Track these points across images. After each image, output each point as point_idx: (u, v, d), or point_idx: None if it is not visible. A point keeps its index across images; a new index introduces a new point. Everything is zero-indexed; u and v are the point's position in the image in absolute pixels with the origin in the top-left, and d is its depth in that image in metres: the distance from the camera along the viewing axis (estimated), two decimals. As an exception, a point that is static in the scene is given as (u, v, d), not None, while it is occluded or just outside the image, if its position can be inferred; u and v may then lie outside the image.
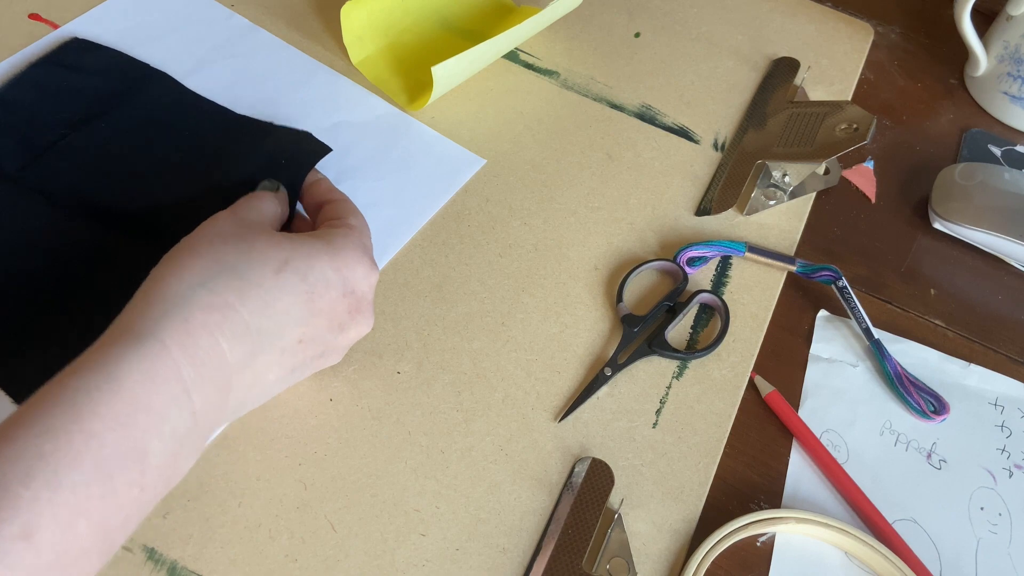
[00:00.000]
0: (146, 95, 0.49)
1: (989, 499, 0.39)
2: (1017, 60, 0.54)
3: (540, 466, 0.38)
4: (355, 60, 0.53)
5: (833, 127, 0.48)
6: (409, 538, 0.36)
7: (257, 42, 0.53)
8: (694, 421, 0.40)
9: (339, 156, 0.48)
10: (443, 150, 0.50)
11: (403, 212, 0.46)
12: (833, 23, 0.61)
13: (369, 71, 0.53)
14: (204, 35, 0.53)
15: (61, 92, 0.48)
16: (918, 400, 0.42)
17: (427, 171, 0.48)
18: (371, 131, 0.50)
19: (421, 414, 0.39)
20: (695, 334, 0.44)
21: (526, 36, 0.53)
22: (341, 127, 0.50)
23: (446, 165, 0.49)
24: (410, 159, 0.49)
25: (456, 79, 0.51)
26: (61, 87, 0.48)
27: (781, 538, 0.37)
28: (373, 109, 0.51)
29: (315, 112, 0.50)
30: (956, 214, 0.48)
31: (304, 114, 0.50)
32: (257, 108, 0.49)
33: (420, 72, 0.53)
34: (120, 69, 0.50)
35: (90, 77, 0.49)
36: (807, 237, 0.49)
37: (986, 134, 0.56)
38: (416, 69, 0.53)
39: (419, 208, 0.47)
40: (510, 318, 0.43)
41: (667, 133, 0.52)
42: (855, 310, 0.44)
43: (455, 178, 0.48)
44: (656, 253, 0.46)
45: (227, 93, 0.50)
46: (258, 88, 0.51)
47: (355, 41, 0.52)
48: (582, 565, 0.35)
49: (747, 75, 0.56)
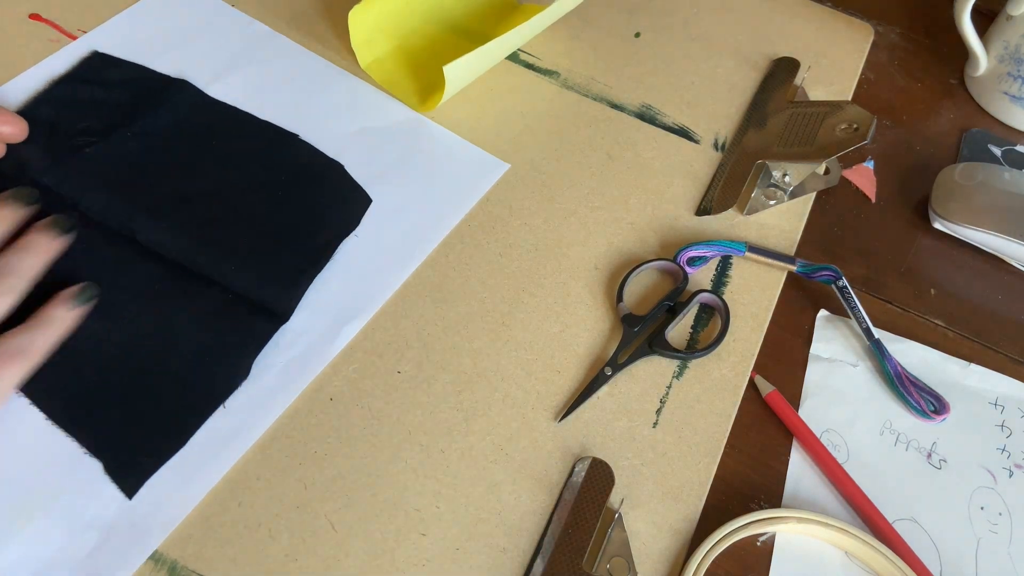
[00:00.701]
0: (169, 104, 0.48)
1: (989, 499, 0.39)
2: (1017, 60, 0.54)
3: (540, 466, 0.38)
4: (363, 63, 0.52)
5: (833, 127, 0.48)
6: (409, 538, 0.36)
7: (278, 48, 0.53)
8: (694, 421, 0.40)
9: (363, 162, 0.48)
10: (466, 155, 0.49)
11: (429, 218, 0.46)
12: (833, 23, 0.61)
13: (378, 74, 0.53)
14: (224, 43, 0.53)
15: (84, 105, 0.48)
16: (918, 400, 0.42)
17: (451, 176, 0.48)
18: (394, 136, 0.50)
19: (421, 414, 0.39)
20: (695, 334, 0.44)
21: (533, 33, 0.52)
22: (364, 133, 0.49)
23: (470, 170, 0.49)
24: (434, 164, 0.49)
25: (466, 79, 0.51)
26: (84, 100, 0.48)
27: (781, 538, 0.37)
28: (395, 114, 0.51)
29: (337, 118, 0.50)
30: (956, 214, 0.48)
31: (326, 120, 0.49)
32: (279, 115, 0.49)
33: (429, 73, 0.53)
34: (142, 80, 0.50)
35: (112, 89, 0.49)
36: (807, 237, 0.49)
37: (986, 134, 0.56)
38: (425, 70, 0.53)
39: (445, 213, 0.46)
40: (510, 318, 0.43)
41: (667, 133, 0.52)
42: (855, 310, 0.44)
43: (479, 183, 0.48)
44: (656, 253, 0.46)
45: (249, 100, 0.49)
46: (280, 95, 0.50)
47: (363, 44, 0.52)
48: (582, 565, 0.35)
49: (747, 75, 0.56)
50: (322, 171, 0.47)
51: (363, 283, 0.43)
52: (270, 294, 0.41)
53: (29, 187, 0.40)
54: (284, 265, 0.42)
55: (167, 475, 0.36)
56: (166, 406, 0.38)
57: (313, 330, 0.41)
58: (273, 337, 0.40)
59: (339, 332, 0.41)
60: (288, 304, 0.41)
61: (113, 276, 0.41)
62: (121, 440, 0.36)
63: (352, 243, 0.44)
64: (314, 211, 0.45)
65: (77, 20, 0.53)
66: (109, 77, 0.49)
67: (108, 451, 0.36)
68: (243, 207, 0.44)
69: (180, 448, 0.37)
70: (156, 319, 0.40)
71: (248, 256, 0.42)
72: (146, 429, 0.37)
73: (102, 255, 0.42)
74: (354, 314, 0.42)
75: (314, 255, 0.43)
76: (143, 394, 0.38)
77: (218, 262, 0.42)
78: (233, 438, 0.37)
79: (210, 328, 0.40)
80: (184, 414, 0.38)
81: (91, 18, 0.53)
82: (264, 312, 0.41)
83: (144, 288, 0.41)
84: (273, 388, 0.39)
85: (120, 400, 0.37)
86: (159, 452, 0.36)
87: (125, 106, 0.48)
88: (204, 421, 0.37)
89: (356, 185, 0.47)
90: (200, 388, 0.38)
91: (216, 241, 0.43)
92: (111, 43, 0.51)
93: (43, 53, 0.51)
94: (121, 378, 0.38)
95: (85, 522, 0.34)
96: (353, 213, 0.45)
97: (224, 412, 0.38)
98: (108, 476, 0.35)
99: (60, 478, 0.35)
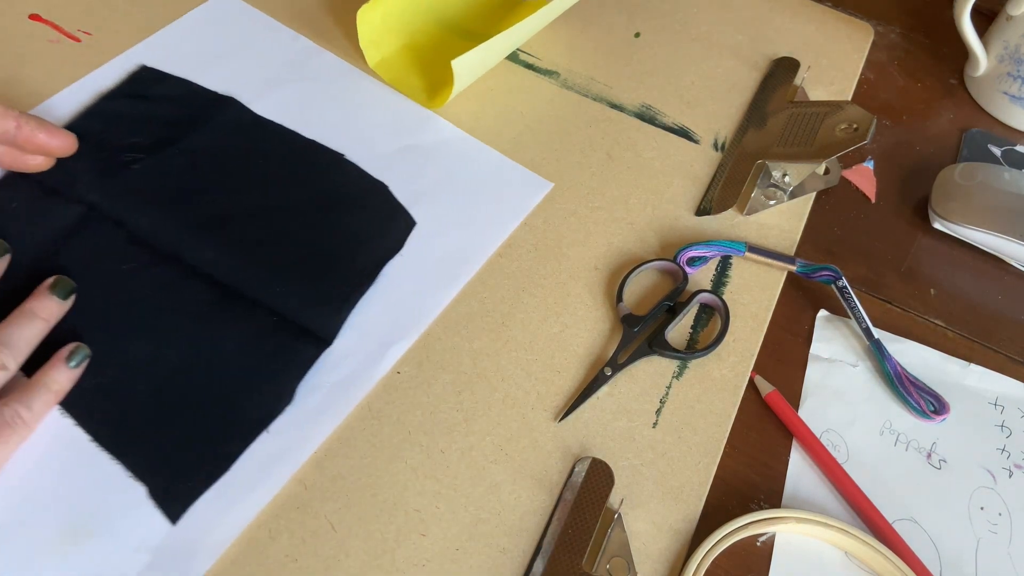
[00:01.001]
0: (216, 121, 0.48)
1: (989, 499, 0.39)
2: (1017, 60, 0.54)
3: (540, 466, 0.38)
4: (372, 63, 0.52)
5: (833, 127, 0.48)
6: (409, 538, 0.36)
7: (322, 64, 0.53)
8: (694, 421, 0.40)
9: (408, 180, 0.47)
10: (510, 173, 0.49)
11: (474, 238, 0.46)
12: (833, 23, 0.61)
13: (386, 73, 0.53)
14: (269, 58, 0.53)
15: (131, 120, 0.47)
16: (918, 400, 0.42)
17: (495, 195, 0.48)
18: (439, 154, 0.49)
19: (421, 414, 0.39)
20: (695, 334, 0.44)
21: (538, 27, 0.52)
22: (409, 151, 0.49)
23: (514, 189, 0.48)
24: (478, 183, 0.48)
25: (474, 74, 0.51)
26: (131, 115, 0.48)
27: (781, 538, 0.37)
28: (440, 132, 0.50)
29: (382, 135, 0.49)
30: (956, 214, 0.48)
31: (370, 138, 0.49)
32: (324, 133, 0.49)
33: (435, 71, 0.53)
34: (189, 96, 0.49)
35: (159, 105, 0.49)
36: (807, 237, 0.49)
37: (986, 134, 0.56)
38: (431, 68, 0.53)
39: (490, 234, 0.46)
40: (510, 318, 0.43)
41: (667, 133, 0.52)
42: (855, 310, 0.44)
43: (524, 202, 0.47)
44: (656, 253, 0.46)
45: (294, 118, 0.49)
46: (325, 112, 0.50)
47: (370, 44, 0.52)
48: (582, 565, 0.35)
49: (747, 75, 0.56)
50: (367, 192, 0.46)
51: (407, 305, 0.42)
52: (315, 318, 0.41)
53: None
54: (329, 288, 0.42)
55: (212, 499, 0.35)
56: (210, 430, 0.37)
57: (358, 352, 0.40)
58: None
59: (384, 354, 0.40)
60: (333, 328, 0.41)
61: (160, 296, 0.41)
62: (165, 464, 0.36)
63: (396, 262, 0.44)
64: (359, 233, 0.44)
65: (77, 20, 0.53)
66: (157, 92, 0.49)
67: (152, 475, 0.36)
68: (288, 228, 0.44)
69: (224, 473, 0.36)
70: (202, 341, 0.40)
71: (293, 278, 0.42)
72: (190, 453, 0.36)
73: (150, 274, 0.41)
74: (399, 336, 0.41)
75: (358, 278, 0.43)
76: (187, 417, 0.37)
77: (264, 284, 0.42)
78: (278, 462, 0.37)
79: (255, 351, 0.39)
80: (228, 439, 0.37)
81: (73, 10, 0.53)
82: (309, 336, 0.40)
83: (191, 309, 0.40)
84: (318, 411, 0.38)
85: (165, 423, 0.37)
86: (203, 477, 0.36)
87: (172, 122, 0.48)
88: (248, 446, 0.37)
89: (400, 207, 0.46)
90: (245, 412, 0.38)
91: (262, 262, 0.42)
92: (156, 56, 0.51)
93: (43, 53, 0.51)
94: (166, 400, 0.38)
95: (133, 545, 0.34)
96: (397, 236, 0.45)
97: (268, 435, 0.37)
98: (152, 501, 0.35)
99: (107, 501, 0.35)
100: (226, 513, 0.35)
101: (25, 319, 0.37)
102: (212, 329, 0.40)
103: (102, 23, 0.53)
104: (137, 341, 0.39)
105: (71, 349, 0.37)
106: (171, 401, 0.38)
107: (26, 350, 0.37)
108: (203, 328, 0.40)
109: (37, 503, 0.35)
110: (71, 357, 0.37)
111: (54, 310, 0.38)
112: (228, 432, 0.37)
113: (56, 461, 0.36)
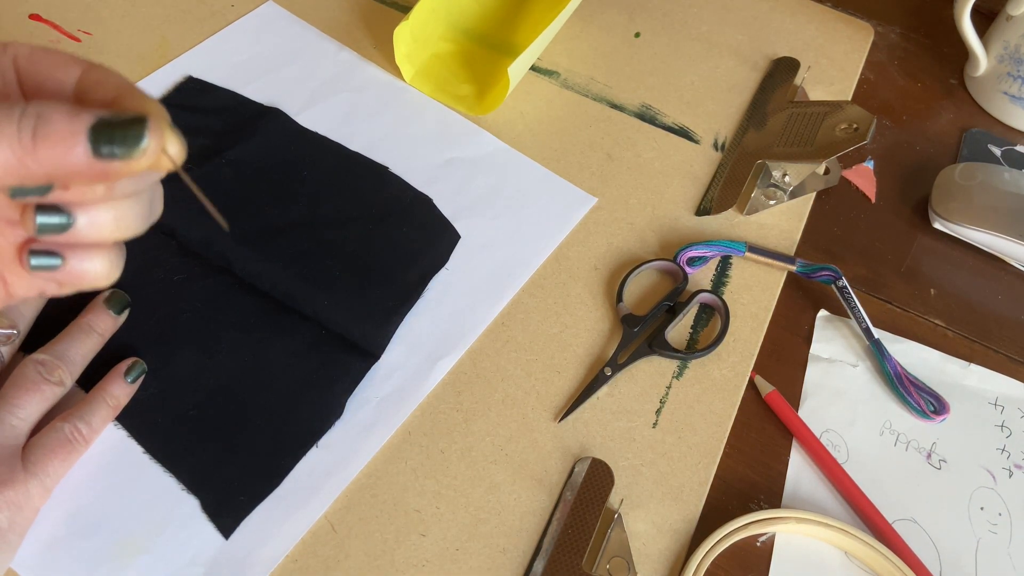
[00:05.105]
0: (262, 133, 0.48)
1: (989, 499, 0.39)
2: (1017, 60, 0.54)
3: (540, 466, 0.38)
4: (407, 78, 0.53)
5: (833, 127, 0.48)
6: (409, 538, 0.36)
7: (366, 77, 0.53)
8: (694, 421, 0.40)
9: (453, 194, 0.47)
10: (554, 187, 0.49)
11: (519, 252, 0.45)
12: (833, 23, 0.61)
13: (423, 85, 0.53)
14: (314, 70, 0.53)
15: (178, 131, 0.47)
16: (918, 400, 0.42)
17: (540, 209, 0.47)
18: (483, 168, 0.49)
19: (421, 414, 0.39)
20: (695, 334, 0.44)
21: (560, 26, 0.53)
22: (453, 164, 0.49)
23: (558, 203, 0.48)
24: (523, 197, 0.48)
25: (517, 78, 0.50)
26: (178, 126, 0.47)
27: (781, 538, 0.37)
28: (484, 145, 0.50)
29: (426, 148, 0.49)
30: (956, 214, 0.48)
31: (415, 150, 0.49)
32: (369, 145, 0.49)
33: (464, 77, 0.53)
34: (235, 107, 0.49)
35: (207, 116, 0.49)
36: (807, 237, 0.49)
37: (986, 134, 0.56)
38: (459, 75, 0.53)
39: (534, 248, 0.46)
40: (510, 318, 0.43)
41: (667, 133, 0.52)
42: (855, 310, 0.44)
43: (568, 216, 0.47)
44: (656, 253, 0.46)
45: (339, 130, 0.49)
46: (369, 124, 0.50)
47: (404, 60, 0.52)
48: (582, 565, 0.35)
49: (747, 75, 0.56)
50: (412, 206, 0.46)
51: (454, 319, 0.42)
52: (363, 332, 0.41)
53: None
54: (376, 303, 0.42)
55: (264, 513, 0.35)
56: (261, 444, 0.37)
57: (406, 366, 0.40)
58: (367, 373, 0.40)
59: (432, 368, 0.40)
60: (380, 343, 0.41)
61: (211, 308, 0.41)
62: (217, 478, 0.36)
63: (442, 276, 0.44)
64: (405, 247, 0.44)
65: (78, 21, 0.53)
66: (203, 103, 0.49)
67: (204, 489, 0.36)
68: (335, 241, 0.44)
69: (275, 488, 0.36)
70: (253, 353, 0.39)
71: (340, 292, 0.42)
72: (242, 467, 0.36)
73: (201, 286, 0.41)
74: (447, 350, 0.41)
75: (405, 293, 0.43)
76: (239, 430, 0.37)
77: (312, 297, 0.41)
78: (330, 476, 0.37)
79: (305, 365, 0.39)
80: (279, 452, 0.37)
81: (73, 10, 0.53)
82: (357, 350, 0.40)
83: (241, 321, 0.40)
84: (368, 425, 0.38)
85: (217, 436, 0.37)
86: (255, 491, 0.36)
87: (219, 133, 0.48)
88: (299, 460, 0.37)
89: (445, 221, 0.46)
90: (295, 426, 0.38)
91: (309, 275, 0.42)
92: (201, 66, 0.51)
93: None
94: (217, 413, 0.38)
95: (188, 559, 0.34)
96: (443, 249, 0.45)
97: (318, 449, 0.37)
98: (205, 514, 0.35)
99: (162, 514, 0.35)
100: (278, 527, 0.35)
101: (82, 333, 0.37)
102: (263, 341, 0.40)
103: (102, 23, 0.53)
104: (187, 353, 0.39)
105: (129, 364, 0.37)
106: (221, 414, 0.38)
107: (82, 364, 0.37)
108: (254, 339, 0.40)
109: (92, 516, 0.35)
110: (129, 372, 0.37)
111: (110, 324, 0.38)
112: (279, 446, 0.37)
113: (109, 473, 0.36)
